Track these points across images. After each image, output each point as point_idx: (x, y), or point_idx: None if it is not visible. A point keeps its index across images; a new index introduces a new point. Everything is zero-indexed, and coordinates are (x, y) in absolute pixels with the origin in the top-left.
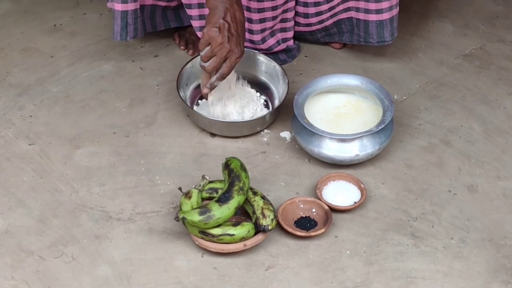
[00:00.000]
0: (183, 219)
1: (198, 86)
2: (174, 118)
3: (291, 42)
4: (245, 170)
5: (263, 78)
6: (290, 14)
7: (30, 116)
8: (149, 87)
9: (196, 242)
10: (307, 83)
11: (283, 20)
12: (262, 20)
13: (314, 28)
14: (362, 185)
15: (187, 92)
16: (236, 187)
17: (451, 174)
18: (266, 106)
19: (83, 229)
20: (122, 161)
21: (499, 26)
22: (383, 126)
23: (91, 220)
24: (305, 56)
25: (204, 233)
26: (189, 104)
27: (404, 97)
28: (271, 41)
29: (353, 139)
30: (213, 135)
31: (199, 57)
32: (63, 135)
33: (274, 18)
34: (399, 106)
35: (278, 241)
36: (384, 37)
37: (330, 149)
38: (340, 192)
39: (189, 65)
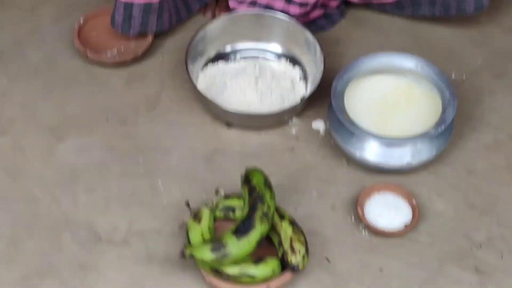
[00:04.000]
0: (191, 257)
1: (216, 58)
2: (182, 99)
3: (332, 9)
4: (270, 187)
5: (291, 50)
6: None
7: (2, 95)
8: (152, 56)
9: (207, 280)
10: (347, 65)
11: None
12: None
13: (384, 1)
14: (414, 201)
15: (200, 65)
16: (258, 213)
17: None
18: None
19: (65, 255)
20: (116, 158)
21: None
22: (443, 128)
23: (76, 243)
24: (344, 20)
25: (217, 271)
26: (201, 85)
27: (464, 76)
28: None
29: (404, 144)
30: (229, 124)
31: (220, 20)
32: (43, 122)
33: None
34: (457, 88)
35: (310, 277)
36: (482, 2)
37: (376, 154)
38: (386, 210)
39: (206, 29)
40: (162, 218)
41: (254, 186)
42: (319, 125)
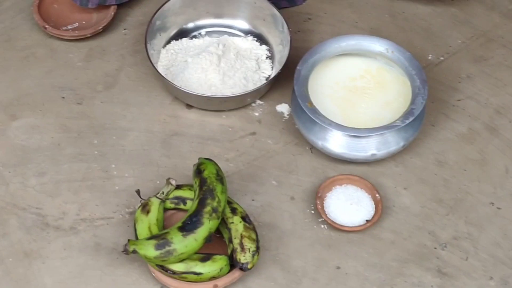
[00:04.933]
0: (134, 252)
1: (179, 35)
2: (142, 78)
3: None
4: (221, 180)
5: (258, 27)
6: None
7: None
8: (114, 30)
9: (153, 274)
10: (313, 47)
11: None
12: None
13: None
14: (377, 195)
15: (162, 41)
16: (207, 208)
17: (496, 178)
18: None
19: (10, 241)
20: (70, 139)
21: None
22: (411, 119)
23: (22, 228)
24: None
25: (162, 267)
26: (162, 63)
27: (441, 58)
28: None
29: (369, 135)
30: (189, 105)
31: None
32: None
33: None
34: (433, 71)
35: (262, 272)
36: None
37: (339, 145)
38: (348, 204)
39: (169, 4)
40: (112, 204)
41: (205, 178)
42: (283, 108)
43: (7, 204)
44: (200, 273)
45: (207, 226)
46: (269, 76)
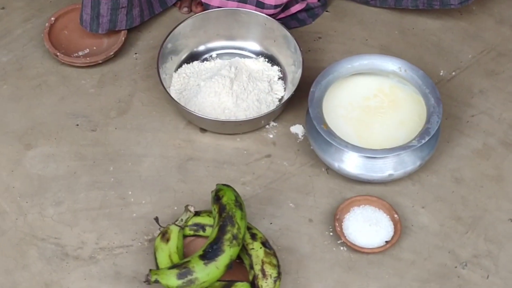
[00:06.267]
0: (156, 281)
1: (191, 58)
2: (155, 103)
3: (314, 0)
4: (240, 206)
5: (269, 48)
6: None
7: None
8: (125, 55)
9: None
10: (326, 67)
11: None
12: None
13: None
14: (396, 215)
15: (174, 66)
16: (227, 235)
17: None
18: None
19: (31, 272)
20: (85, 167)
21: None
22: (427, 138)
23: (42, 259)
24: (326, 11)
25: None
26: (175, 87)
27: (453, 73)
28: None
29: (386, 156)
30: (203, 129)
31: (194, 17)
32: (11, 129)
33: None
34: (445, 86)
35: None
36: None
37: (356, 165)
38: (366, 226)
39: (180, 28)
40: (131, 232)
41: (224, 204)
42: (297, 129)
43: (26, 235)
44: None
45: (228, 253)
46: (282, 97)
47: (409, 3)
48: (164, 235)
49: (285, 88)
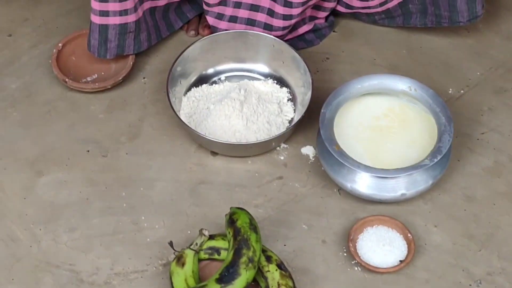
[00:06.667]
0: None
1: (199, 81)
2: (165, 127)
3: (321, 21)
4: (255, 229)
5: (278, 70)
6: None
7: None
8: (133, 80)
9: None
10: (336, 88)
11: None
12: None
13: (373, 10)
14: (409, 235)
15: (183, 90)
16: (243, 259)
17: None
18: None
19: None
20: (97, 193)
21: None
22: (439, 157)
23: (57, 286)
24: (334, 31)
25: None
26: (184, 111)
27: (462, 91)
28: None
29: (398, 175)
30: (214, 153)
31: (202, 40)
32: (22, 156)
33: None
34: (454, 104)
35: None
36: (476, 11)
37: (368, 186)
38: (380, 245)
39: (188, 51)
40: (145, 257)
41: (238, 228)
42: (308, 150)
43: (40, 262)
44: None
45: (244, 276)
46: (292, 118)
47: (417, 22)
48: (180, 259)
49: (294, 110)
